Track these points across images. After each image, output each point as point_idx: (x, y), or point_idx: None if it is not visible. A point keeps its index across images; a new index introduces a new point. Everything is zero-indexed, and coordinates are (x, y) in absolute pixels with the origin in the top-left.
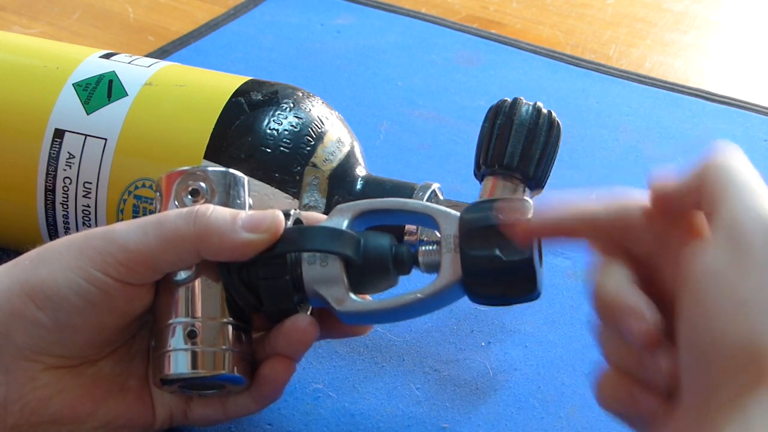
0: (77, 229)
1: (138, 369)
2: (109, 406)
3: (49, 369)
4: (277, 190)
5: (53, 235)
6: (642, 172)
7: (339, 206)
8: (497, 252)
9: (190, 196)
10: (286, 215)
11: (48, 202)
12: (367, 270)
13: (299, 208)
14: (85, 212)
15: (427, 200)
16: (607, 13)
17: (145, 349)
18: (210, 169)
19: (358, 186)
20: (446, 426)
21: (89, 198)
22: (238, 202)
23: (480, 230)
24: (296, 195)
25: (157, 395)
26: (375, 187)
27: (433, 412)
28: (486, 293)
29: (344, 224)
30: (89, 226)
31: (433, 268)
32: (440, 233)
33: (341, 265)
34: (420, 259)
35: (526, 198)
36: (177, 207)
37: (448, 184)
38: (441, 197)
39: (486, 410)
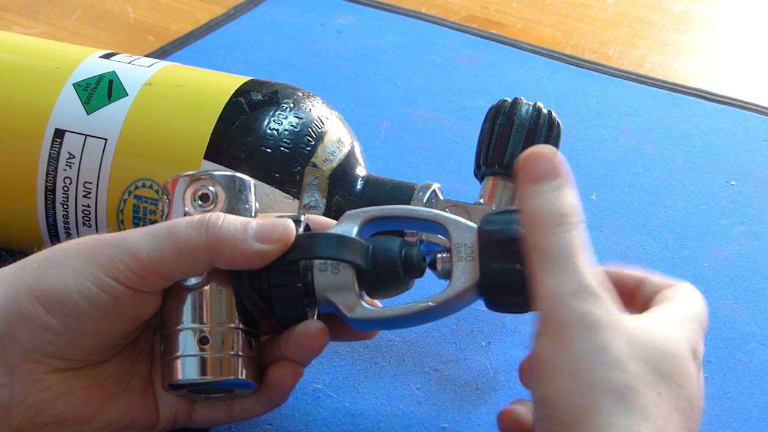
0: (77, 229)
1: (142, 369)
2: (113, 406)
3: (55, 371)
4: (277, 190)
5: (53, 235)
6: (642, 172)
7: (348, 212)
8: (518, 266)
9: (199, 201)
10: (297, 222)
11: (48, 202)
12: (377, 277)
13: (300, 208)
14: (85, 212)
15: (427, 200)
16: (607, 13)
17: (148, 349)
18: (218, 173)
19: (358, 186)
20: (446, 426)
21: (89, 198)
22: (246, 206)
23: (501, 243)
24: (296, 195)
25: (162, 396)
26: (375, 187)
27: (433, 412)
28: (505, 305)
29: (354, 231)
30: (89, 227)
31: (448, 275)
32: (451, 242)
33: (352, 272)
34: (438, 266)
35: None
36: (186, 212)
37: (448, 184)
38: (441, 197)
39: (486, 410)
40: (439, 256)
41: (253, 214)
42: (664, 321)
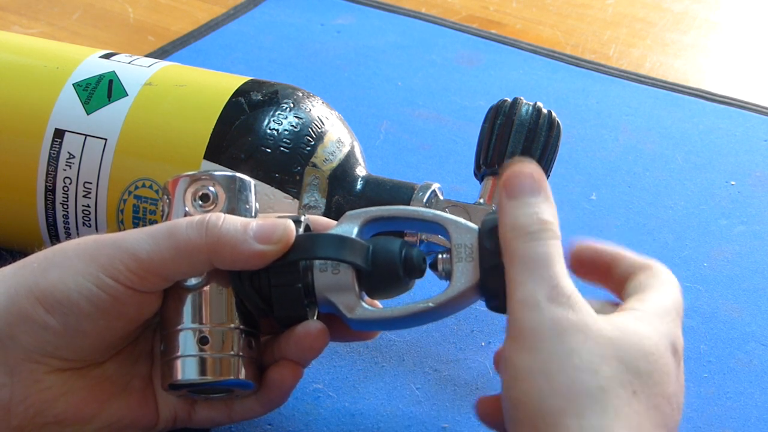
0: (77, 229)
1: (142, 370)
2: (113, 407)
3: (55, 371)
4: (277, 190)
5: (53, 235)
6: (642, 172)
7: (349, 213)
8: None
9: (200, 201)
10: (297, 222)
11: (48, 202)
12: (378, 277)
13: (300, 209)
14: (85, 212)
15: (427, 200)
16: (607, 13)
17: (148, 350)
18: (218, 173)
19: (358, 186)
20: (446, 426)
21: (89, 198)
22: (247, 206)
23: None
24: (296, 195)
25: (162, 396)
26: (375, 187)
27: (433, 412)
28: (501, 299)
29: (354, 231)
30: (89, 227)
31: (449, 275)
32: (451, 242)
33: (353, 272)
34: (439, 267)
35: None
36: (186, 212)
37: (448, 184)
38: (441, 197)
39: None
40: (440, 256)
41: (253, 215)
42: (639, 319)
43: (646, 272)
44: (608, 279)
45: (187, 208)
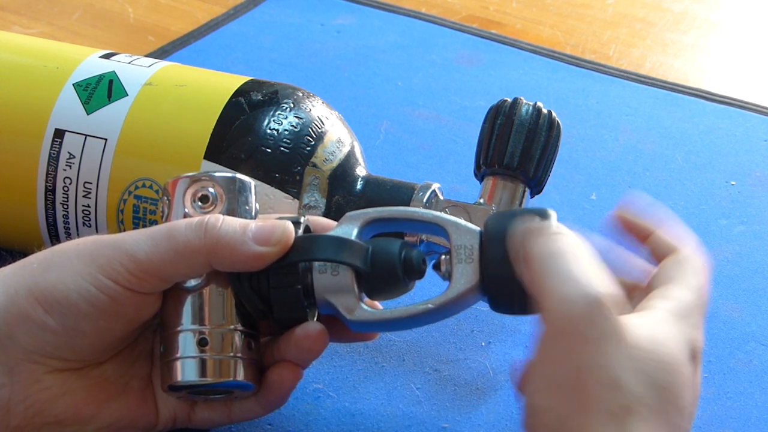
0: (77, 230)
1: (141, 370)
2: (112, 407)
3: (54, 371)
4: (277, 190)
5: (53, 235)
6: (642, 172)
7: (348, 214)
8: None
9: (199, 203)
10: (296, 223)
11: (48, 202)
12: (377, 279)
13: (300, 209)
14: (85, 212)
15: (427, 200)
16: (607, 13)
17: (148, 350)
18: (218, 174)
19: (358, 186)
20: (446, 426)
21: (89, 198)
22: (246, 208)
23: (504, 237)
24: (296, 195)
25: (161, 397)
26: (375, 187)
27: (433, 412)
28: (508, 303)
29: (354, 232)
30: (89, 227)
31: (450, 276)
32: (451, 244)
33: (352, 274)
34: (442, 268)
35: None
36: (186, 213)
37: (448, 184)
38: (441, 197)
39: (486, 410)
40: (443, 257)
41: (253, 216)
42: (663, 323)
43: (675, 258)
44: (644, 245)
45: (186, 209)
